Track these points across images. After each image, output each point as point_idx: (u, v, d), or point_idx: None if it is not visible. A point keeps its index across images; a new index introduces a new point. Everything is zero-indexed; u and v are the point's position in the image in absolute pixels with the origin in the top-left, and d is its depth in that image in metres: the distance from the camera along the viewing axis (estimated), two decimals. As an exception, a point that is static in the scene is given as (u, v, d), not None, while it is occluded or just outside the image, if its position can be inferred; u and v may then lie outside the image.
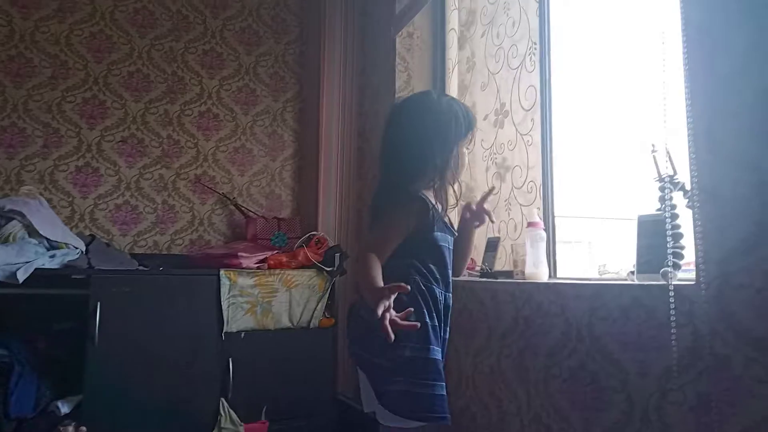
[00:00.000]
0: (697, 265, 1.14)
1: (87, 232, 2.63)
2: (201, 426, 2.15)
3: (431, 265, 1.41)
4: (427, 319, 1.34)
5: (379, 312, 1.10)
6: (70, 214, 2.64)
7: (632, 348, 1.28)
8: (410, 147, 1.35)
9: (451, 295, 1.46)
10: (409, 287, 1.16)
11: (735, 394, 1.05)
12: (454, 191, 1.50)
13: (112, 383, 2.05)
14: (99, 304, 2.05)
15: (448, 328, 1.45)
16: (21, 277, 1.95)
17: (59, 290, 2.09)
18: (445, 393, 1.34)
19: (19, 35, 2.60)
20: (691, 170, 1.17)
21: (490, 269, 1.97)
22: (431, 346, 1.33)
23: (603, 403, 1.35)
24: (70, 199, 2.64)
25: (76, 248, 2.25)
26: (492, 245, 2.06)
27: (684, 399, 1.15)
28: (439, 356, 1.35)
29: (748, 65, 1.06)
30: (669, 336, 1.18)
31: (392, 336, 1.09)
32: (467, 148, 1.46)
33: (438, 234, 1.40)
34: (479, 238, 2.24)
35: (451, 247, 1.45)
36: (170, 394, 2.13)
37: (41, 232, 2.15)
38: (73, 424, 1.53)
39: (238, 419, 2.20)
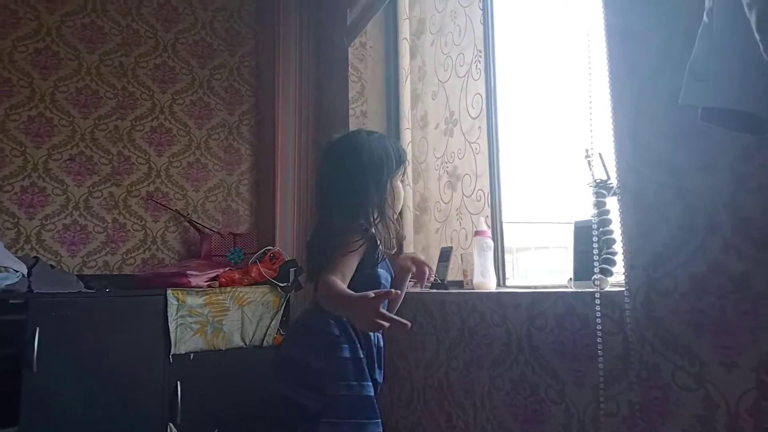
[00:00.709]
0: (624, 272, 1.12)
1: (33, 254, 2.54)
2: (148, 453, 2.07)
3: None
4: (361, 354, 1.30)
5: (379, 315, 1.04)
6: (15, 236, 2.55)
7: (568, 357, 1.25)
8: (347, 186, 1.35)
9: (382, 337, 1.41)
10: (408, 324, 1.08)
11: (663, 403, 1.02)
12: (395, 225, 1.45)
13: (51, 412, 1.95)
14: (38, 329, 1.97)
15: (382, 372, 1.40)
16: (-49, 303, 1.86)
17: (-5, 316, 2.00)
18: (380, 430, 1.29)
19: (-42, 53, 2.53)
20: (617, 174, 1.15)
21: (443, 279, 1.94)
22: (366, 383, 1.28)
23: (543, 415, 1.31)
24: (15, 220, 2.55)
25: (17, 271, 2.16)
26: (445, 255, 2.02)
27: (617, 409, 1.12)
28: (372, 392, 1.29)
29: (663, 68, 1.04)
30: (601, 344, 1.15)
31: (408, 323, 1.07)
32: (401, 181, 1.48)
33: (380, 270, 1.38)
34: (434, 248, 2.21)
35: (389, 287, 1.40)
36: (115, 422, 2.04)
37: (-23, 256, 2.06)
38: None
39: (187, 444, 2.12)
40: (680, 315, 1.00)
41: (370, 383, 1.30)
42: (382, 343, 1.41)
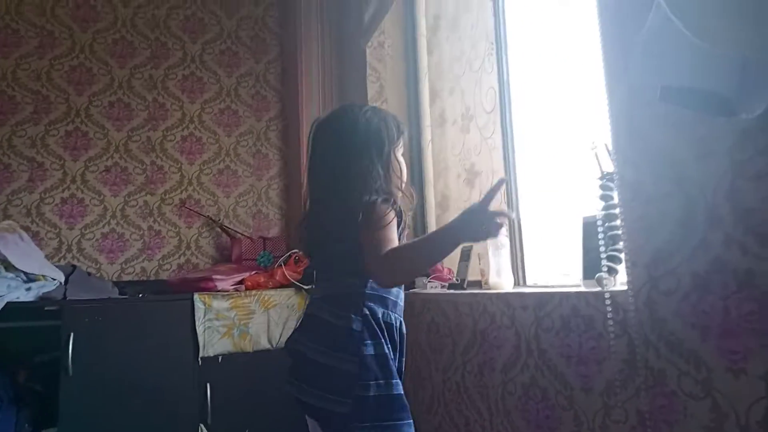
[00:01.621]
0: (627, 270, 1.05)
1: (75, 263, 2.66)
2: (179, 454, 2.12)
3: (395, 289, 1.24)
4: (386, 350, 1.17)
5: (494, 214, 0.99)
6: (57, 246, 2.67)
7: (575, 361, 1.18)
8: (350, 161, 1.22)
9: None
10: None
11: (671, 411, 0.95)
12: (409, 195, 1.34)
13: (87, 414, 2.04)
14: (72, 334, 2.05)
15: (404, 359, 1.29)
16: (-8, 311, 1.97)
17: (33, 322, 2.11)
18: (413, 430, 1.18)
19: (1, 74, 2.67)
20: (615, 166, 1.08)
21: (463, 279, 1.89)
22: (394, 380, 1.16)
23: (554, 422, 1.25)
24: (57, 230, 2.68)
25: (54, 279, 2.27)
26: (465, 255, 1.98)
27: (626, 417, 1.05)
28: (402, 390, 1.18)
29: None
30: (607, 347, 1.08)
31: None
32: (402, 154, 1.33)
33: None
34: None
35: None
36: (147, 422, 2.10)
37: (17, 266, 2.17)
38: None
39: (217, 445, 2.16)
40: (684, 317, 0.92)
41: (399, 380, 1.19)
42: (405, 329, 1.28)
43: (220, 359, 2.25)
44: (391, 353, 1.19)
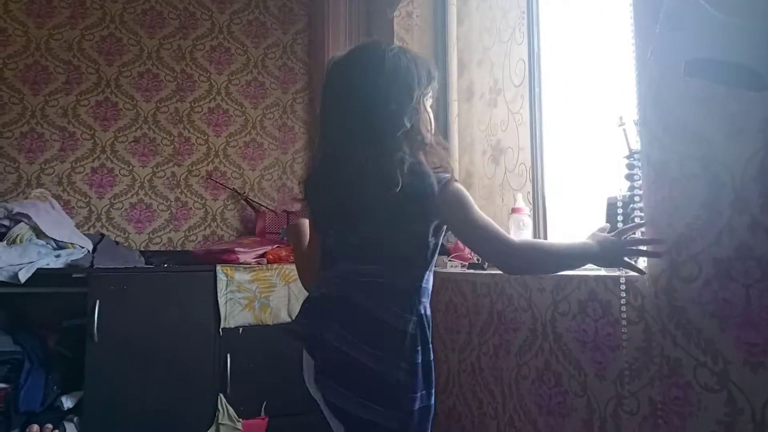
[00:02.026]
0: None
1: (104, 231, 2.72)
2: (199, 422, 2.17)
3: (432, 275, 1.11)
4: (431, 356, 1.06)
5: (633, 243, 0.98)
6: (87, 215, 2.73)
7: (590, 347, 1.14)
8: (374, 106, 1.02)
9: None
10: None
11: (684, 403, 0.90)
12: (444, 153, 1.13)
13: (111, 379, 2.10)
14: (98, 301, 2.11)
15: None
16: (22, 277, 2.03)
17: (61, 289, 2.17)
18: None
19: (35, 44, 2.71)
20: (640, 145, 1.01)
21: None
22: (433, 390, 1.05)
23: (566, 408, 1.22)
24: (87, 199, 2.74)
25: (82, 247, 2.33)
26: (486, 234, 1.92)
27: (638, 407, 1.01)
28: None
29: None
30: (622, 335, 1.03)
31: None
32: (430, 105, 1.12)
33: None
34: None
35: None
36: (168, 390, 2.16)
37: (47, 233, 2.23)
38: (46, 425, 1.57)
39: (236, 415, 2.20)
40: (703, 305, 0.86)
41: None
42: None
43: (240, 331, 2.28)
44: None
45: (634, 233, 1.02)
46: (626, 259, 0.99)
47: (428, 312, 1.07)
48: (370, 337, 1.00)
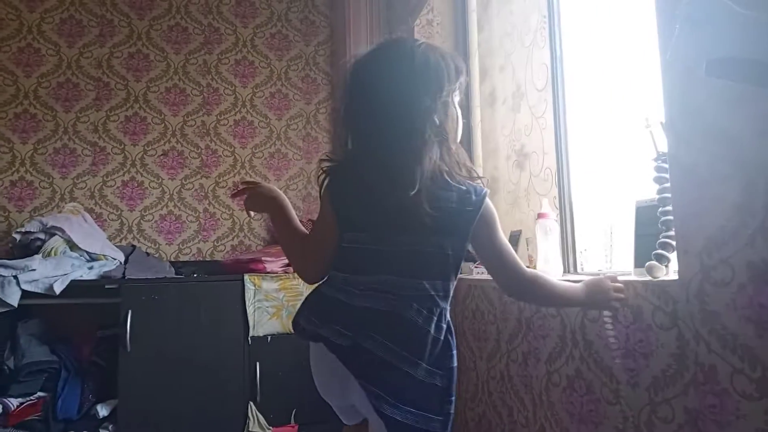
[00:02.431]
0: (678, 258, 0.97)
1: (136, 243, 2.78)
2: (230, 429, 2.19)
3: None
4: (456, 362, 1.05)
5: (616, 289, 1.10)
6: (119, 227, 2.80)
7: (622, 354, 1.11)
8: (409, 101, 0.99)
9: None
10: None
11: (721, 411, 0.88)
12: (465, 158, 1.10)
13: (144, 387, 2.14)
14: (130, 311, 2.15)
15: None
16: (57, 289, 2.09)
17: (95, 299, 2.22)
18: None
19: (66, 62, 2.80)
20: (668, 145, 0.99)
21: (510, 265, 1.83)
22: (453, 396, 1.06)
23: (598, 416, 1.19)
24: (119, 212, 2.81)
25: (114, 259, 2.38)
26: (513, 240, 1.91)
27: (672, 415, 0.98)
28: None
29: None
30: (655, 341, 1.01)
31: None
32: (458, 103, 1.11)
33: None
34: (504, 233, 2.10)
35: None
36: (199, 398, 2.19)
37: (81, 246, 2.30)
38: None
39: (266, 423, 2.22)
40: (738, 310, 0.84)
41: None
42: None
43: (269, 339, 2.31)
44: None
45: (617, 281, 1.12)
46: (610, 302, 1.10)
47: (450, 317, 1.07)
48: (411, 344, 0.99)
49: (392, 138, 1.00)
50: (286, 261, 2.44)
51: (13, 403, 2.08)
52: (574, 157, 1.75)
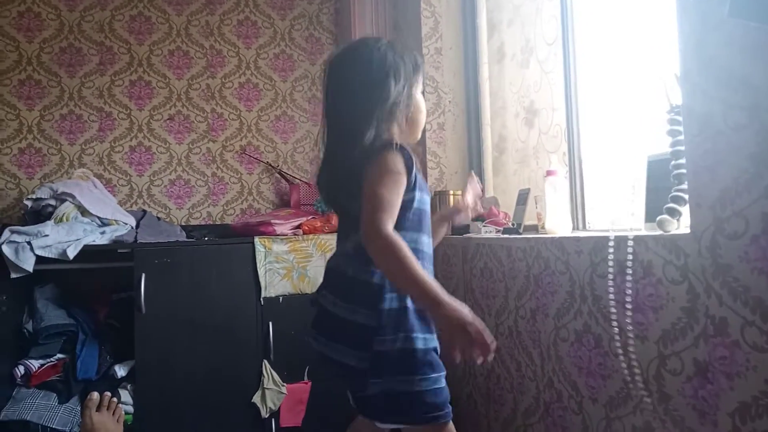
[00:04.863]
0: (690, 211, 0.96)
1: (146, 208, 2.80)
2: (245, 386, 2.25)
3: (423, 237, 1.21)
4: (408, 303, 1.15)
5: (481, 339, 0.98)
6: (129, 192, 2.81)
7: (631, 308, 1.12)
8: (362, 98, 1.17)
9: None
10: None
11: (732, 363, 0.88)
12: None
13: (160, 348, 2.18)
14: (143, 275, 2.18)
15: None
16: (71, 254, 2.12)
17: (108, 264, 2.25)
18: (440, 385, 1.16)
19: (68, 27, 2.76)
20: (682, 96, 0.97)
21: (519, 224, 1.82)
22: (416, 334, 1.14)
23: (607, 369, 1.21)
24: (128, 177, 2.81)
25: (126, 224, 2.40)
26: (522, 198, 1.90)
27: (682, 367, 0.99)
28: (427, 345, 1.15)
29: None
30: (665, 295, 1.01)
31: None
32: (421, 92, 1.30)
33: (418, 193, 1.19)
34: (512, 191, 2.09)
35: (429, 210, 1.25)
36: (214, 357, 2.23)
37: (92, 211, 2.31)
38: (105, 393, 1.66)
39: (280, 380, 2.27)
40: (751, 262, 0.84)
41: (425, 335, 1.14)
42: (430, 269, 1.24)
43: (280, 300, 2.33)
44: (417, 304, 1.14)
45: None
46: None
47: None
48: (340, 290, 1.19)
49: (350, 138, 1.17)
50: (295, 223, 2.45)
51: (35, 364, 2.14)
52: (584, 112, 1.72)
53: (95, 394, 1.64)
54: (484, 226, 1.93)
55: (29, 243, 2.09)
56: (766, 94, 0.80)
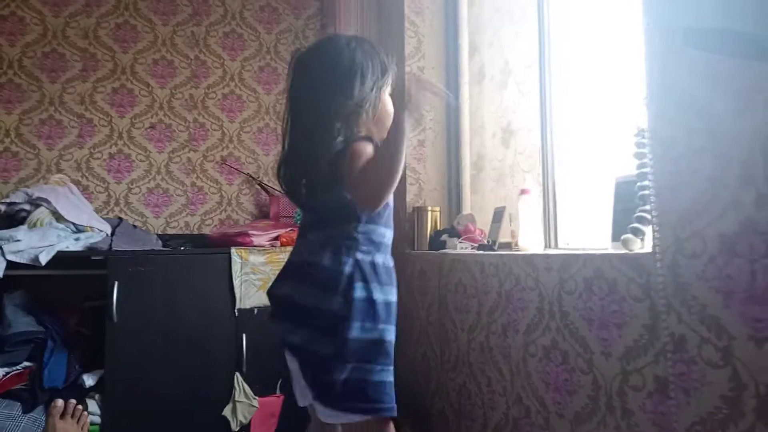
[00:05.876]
0: (653, 231, 0.99)
1: (123, 216, 2.77)
2: (216, 399, 2.22)
3: (389, 232, 1.28)
4: (376, 296, 1.19)
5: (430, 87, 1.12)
6: (106, 199, 2.79)
7: (596, 325, 1.14)
8: (329, 97, 1.17)
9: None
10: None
11: (689, 379, 0.90)
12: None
13: (131, 357, 2.15)
14: (116, 283, 2.16)
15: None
16: (43, 259, 2.09)
17: (81, 271, 2.22)
18: (392, 380, 1.22)
19: (51, 32, 2.76)
20: (648, 120, 1.01)
21: (494, 241, 1.85)
22: (382, 326, 1.19)
23: (573, 385, 1.23)
24: (106, 184, 2.79)
25: (101, 231, 2.38)
26: (497, 216, 1.93)
27: (643, 383, 1.01)
28: (390, 336, 1.21)
29: (692, -12, 0.88)
30: (629, 312, 1.04)
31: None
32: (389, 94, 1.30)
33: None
34: (489, 209, 2.11)
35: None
36: (186, 368, 2.21)
37: (67, 217, 2.29)
38: (70, 401, 1.63)
39: (252, 393, 2.25)
40: (708, 281, 0.86)
41: (388, 326, 1.20)
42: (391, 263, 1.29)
43: (255, 311, 2.32)
44: (384, 296, 1.21)
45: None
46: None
47: (372, 258, 1.21)
48: (309, 280, 1.20)
49: (314, 136, 1.19)
50: (273, 235, 2.45)
51: (-1, 372, 2.10)
52: (559, 134, 1.76)
53: (59, 401, 1.61)
54: (460, 242, 1.96)
55: (0, 248, 2.06)
56: (723, 121, 0.84)
